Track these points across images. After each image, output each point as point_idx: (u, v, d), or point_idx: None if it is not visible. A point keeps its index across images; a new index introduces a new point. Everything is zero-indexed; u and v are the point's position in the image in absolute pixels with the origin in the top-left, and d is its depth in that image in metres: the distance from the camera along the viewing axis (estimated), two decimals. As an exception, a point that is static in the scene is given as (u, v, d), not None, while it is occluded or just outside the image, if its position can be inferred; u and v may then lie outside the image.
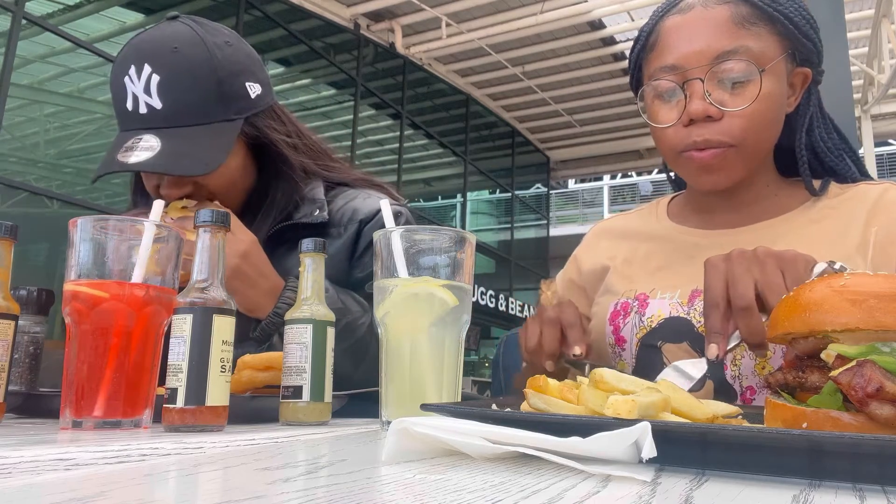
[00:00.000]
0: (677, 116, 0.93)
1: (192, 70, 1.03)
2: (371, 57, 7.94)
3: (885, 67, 7.11)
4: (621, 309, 1.03)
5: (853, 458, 0.44)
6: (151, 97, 1.02)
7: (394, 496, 0.36)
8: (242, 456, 0.53)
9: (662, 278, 1.02)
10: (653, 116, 0.97)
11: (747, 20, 0.92)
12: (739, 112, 0.90)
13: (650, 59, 0.99)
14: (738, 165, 0.94)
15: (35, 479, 0.40)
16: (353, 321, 1.11)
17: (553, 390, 0.59)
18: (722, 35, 0.91)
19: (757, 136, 0.93)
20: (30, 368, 0.99)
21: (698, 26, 0.93)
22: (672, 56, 0.93)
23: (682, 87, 0.92)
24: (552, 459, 0.45)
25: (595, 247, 1.17)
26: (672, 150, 0.96)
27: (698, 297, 0.96)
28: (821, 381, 0.52)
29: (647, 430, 0.44)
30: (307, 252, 0.88)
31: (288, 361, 0.83)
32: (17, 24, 4.36)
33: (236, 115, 1.06)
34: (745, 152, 0.93)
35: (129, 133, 1.07)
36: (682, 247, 1.04)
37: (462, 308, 0.77)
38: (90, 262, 0.73)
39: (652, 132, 1.00)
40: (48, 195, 5.69)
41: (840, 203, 0.98)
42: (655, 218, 1.14)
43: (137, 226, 0.74)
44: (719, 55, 0.90)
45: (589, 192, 14.33)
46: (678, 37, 0.94)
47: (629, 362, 1.01)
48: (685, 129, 0.93)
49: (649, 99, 0.98)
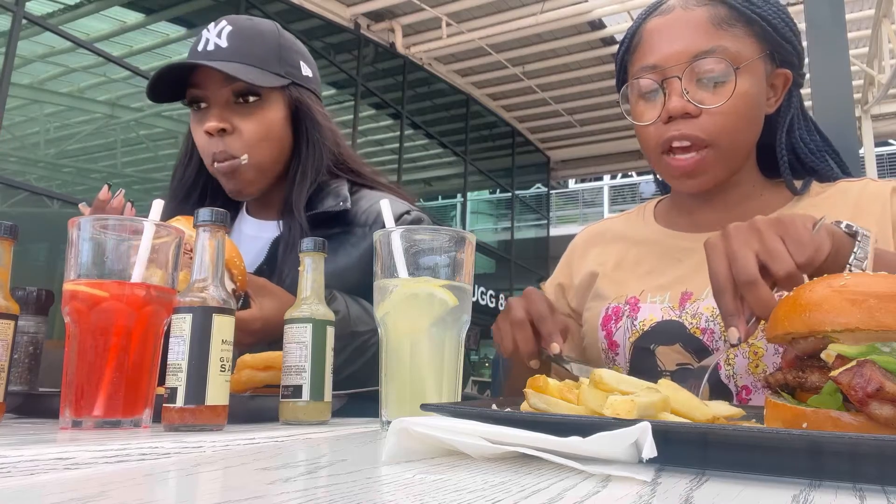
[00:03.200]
0: (658, 114, 0.95)
1: (259, 29, 1.18)
2: (371, 57, 7.94)
3: (885, 67, 7.11)
4: (613, 314, 1.04)
5: (853, 458, 0.44)
6: (220, 39, 1.13)
7: (394, 496, 0.36)
8: (242, 456, 0.52)
9: (651, 281, 1.03)
10: (635, 115, 1.00)
11: (725, 21, 0.94)
12: (716, 109, 0.92)
13: (633, 60, 1.01)
14: (717, 166, 0.96)
15: (35, 478, 0.40)
16: (364, 342, 1.12)
17: (553, 390, 0.59)
18: (700, 35, 0.93)
19: (733, 135, 0.94)
20: (29, 368, 0.99)
21: (678, 27, 0.95)
22: (653, 56, 0.96)
23: (662, 85, 0.95)
24: (552, 459, 0.45)
25: (586, 254, 1.18)
26: (654, 148, 0.98)
27: (689, 299, 0.97)
28: (821, 381, 0.52)
29: (647, 431, 0.44)
30: (307, 251, 0.87)
31: (288, 361, 0.83)
32: (17, 24, 4.36)
33: (286, 75, 1.17)
34: (722, 151, 0.94)
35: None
36: (669, 250, 1.05)
37: (462, 308, 0.77)
38: (90, 261, 0.73)
39: (636, 131, 1.02)
40: (48, 195, 5.69)
41: (822, 201, 0.99)
42: (643, 221, 1.15)
43: (137, 225, 0.74)
44: (697, 54, 0.92)
45: (589, 192, 14.33)
46: (659, 37, 0.97)
47: (623, 366, 1.02)
48: (664, 125, 0.95)
49: (633, 98, 1.00)
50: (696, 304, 0.96)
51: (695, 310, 0.96)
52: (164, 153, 8.03)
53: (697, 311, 0.95)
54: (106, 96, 6.96)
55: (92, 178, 7.62)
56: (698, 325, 0.94)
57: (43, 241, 6.24)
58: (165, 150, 8.00)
